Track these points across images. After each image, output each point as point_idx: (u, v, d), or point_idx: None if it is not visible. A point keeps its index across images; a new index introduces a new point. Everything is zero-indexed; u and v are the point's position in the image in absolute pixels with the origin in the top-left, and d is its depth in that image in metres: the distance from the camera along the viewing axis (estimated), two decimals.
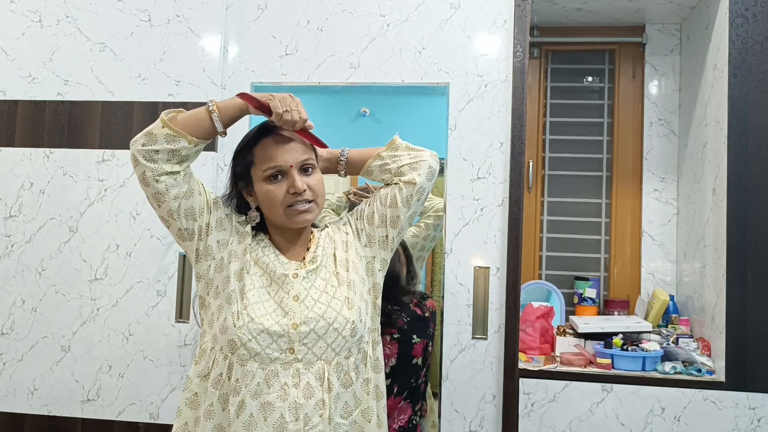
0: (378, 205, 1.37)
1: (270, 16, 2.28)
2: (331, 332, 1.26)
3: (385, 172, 1.39)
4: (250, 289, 1.27)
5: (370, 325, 1.34)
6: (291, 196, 1.28)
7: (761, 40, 2.10)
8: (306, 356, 1.25)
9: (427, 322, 1.88)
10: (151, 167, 1.23)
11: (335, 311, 1.27)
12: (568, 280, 2.73)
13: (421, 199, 1.37)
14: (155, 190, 1.24)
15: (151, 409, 2.19)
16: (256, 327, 1.23)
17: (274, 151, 1.30)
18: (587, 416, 2.06)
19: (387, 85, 2.22)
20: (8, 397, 2.25)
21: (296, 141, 1.32)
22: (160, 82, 2.26)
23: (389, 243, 1.37)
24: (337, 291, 1.30)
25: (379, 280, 1.39)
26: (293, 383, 1.23)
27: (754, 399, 2.01)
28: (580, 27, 2.74)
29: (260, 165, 1.30)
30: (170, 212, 1.27)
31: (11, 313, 2.27)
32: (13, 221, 2.28)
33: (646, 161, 2.68)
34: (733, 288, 2.06)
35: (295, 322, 1.25)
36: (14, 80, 2.32)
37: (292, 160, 1.29)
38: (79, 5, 2.31)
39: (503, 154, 2.15)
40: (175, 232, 1.30)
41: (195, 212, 1.28)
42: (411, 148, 1.41)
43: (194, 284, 2.18)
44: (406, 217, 1.37)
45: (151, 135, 1.23)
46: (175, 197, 1.26)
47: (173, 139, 1.23)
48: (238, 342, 1.23)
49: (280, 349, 1.24)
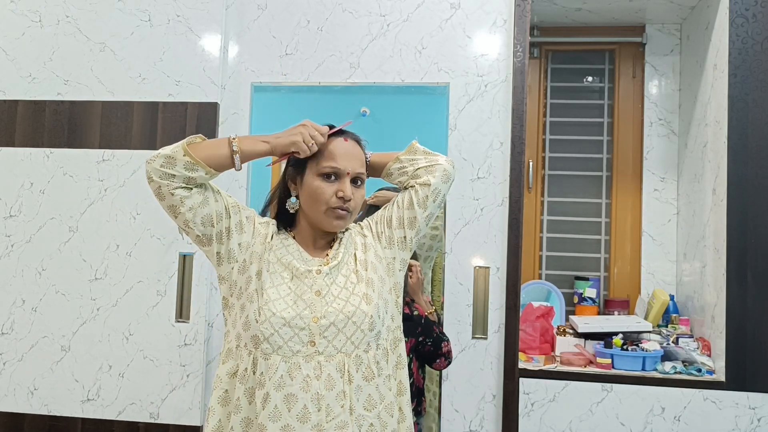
0: (395, 209, 1.44)
1: (270, 16, 2.28)
2: (350, 326, 1.31)
3: (403, 174, 1.45)
4: (270, 286, 1.32)
5: (389, 323, 1.39)
6: (337, 200, 1.34)
7: (761, 40, 2.10)
8: (326, 349, 1.30)
9: (416, 321, 1.89)
10: (166, 183, 1.27)
11: (354, 306, 1.32)
12: (568, 280, 2.73)
13: (437, 200, 1.43)
14: (171, 202, 1.29)
15: (151, 409, 2.19)
16: (278, 321, 1.28)
17: (340, 153, 1.35)
18: (587, 416, 2.06)
19: (387, 85, 2.22)
20: (8, 397, 2.25)
21: (359, 152, 1.39)
22: (160, 82, 2.26)
23: (408, 243, 1.44)
24: (356, 287, 1.35)
25: (400, 279, 1.45)
26: (315, 375, 1.28)
27: (754, 399, 2.01)
28: (580, 27, 2.74)
29: (321, 160, 1.35)
30: (186, 222, 1.31)
31: (11, 313, 2.27)
32: (13, 221, 2.28)
33: (646, 161, 2.68)
34: (733, 288, 2.06)
35: (315, 316, 1.30)
36: (14, 80, 2.32)
37: (351, 168, 1.35)
38: (79, 5, 2.31)
39: (503, 154, 2.15)
40: (194, 238, 1.34)
41: (212, 219, 1.32)
42: (428, 153, 1.48)
43: (194, 285, 2.19)
44: (423, 218, 1.43)
45: (171, 159, 1.27)
46: (190, 208, 1.30)
47: (192, 168, 1.27)
48: (261, 336, 1.28)
49: (302, 341, 1.29)
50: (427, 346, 1.92)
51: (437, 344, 1.92)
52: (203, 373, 2.19)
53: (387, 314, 1.37)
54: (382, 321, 1.36)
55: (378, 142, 1.50)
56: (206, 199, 1.31)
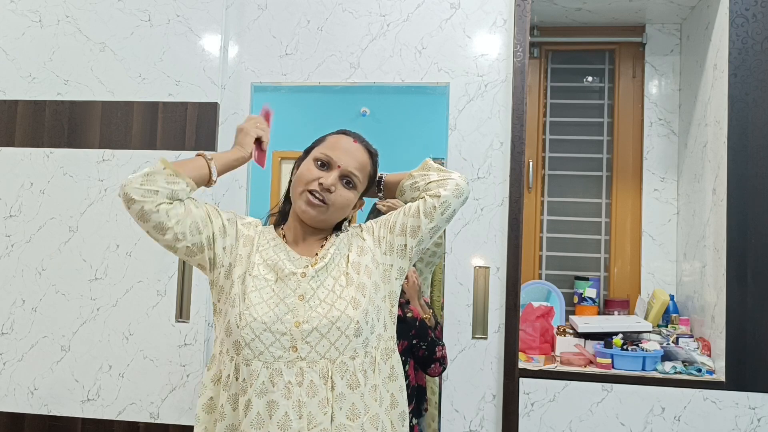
0: (401, 215, 1.40)
1: (270, 16, 2.28)
2: (334, 331, 1.27)
3: (415, 189, 1.43)
4: (253, 290, 1.29)
5: (381, 331, 1.34)
6: (316, 184, 1.32)
7: (761, 40, 2.10)
8: (309, 355, 1.26)
9: (409, 324, 1.88)
10: (150, 200, 1.25)
11: (339, 310, 1.28)
12: (568, 280, 2.73)
13: (445, 213, 1.38)
14: (157, 220, 1.26)
15: (151, 409, 2.19)
16: (259, 326, 1.25)
17: (339, 146, 1.36)
18: (587, 416, 2.06)
19: (387, 85, 2.22)
20: (8, 397, 2.25)
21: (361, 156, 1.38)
22: (160, 82, 2.26)
23: (407, 252, 1.39)
24: (344, 291, 1.31)
25: (396, 288, 1.40)
26: (297, 381, 1.24)
27: (754, 399, 2.01)
28: (580, 27, 2.74)
29: (321, 147, 1.37)
30: (175, 235, 1.28)
31: (11, 313, 2.27)
32: (13, 221, 2.28)
33: (646, 161, 2.68)
34: (733, 288, 2.06)
35: (297, 320, 1.26)
36: (14, 80, 2.32)
37: (344, 163, 1.34)
38: (79, 5, 2.31)
39: (503, 154, 2.15)
40: (184, 251, 1.31)
41: (198, 225, 1.31)
42: (441, 169, 1.45)
43: (194, 285, 2.19)
44: (428, 229, 1.37)
45: (151, 175, 1.26)
46: (177, 221, 1.28)
47: (173, 180, 1.27)
48: (242, 342, 1.25)
49: (283, 347, 1.25)
50: (421, 350, 1.90)
51: (431, 348, 1.91)
52: (203, 374, 2.19)
53: (378, 322, 1.33)
54: (371, 328, 1.31)
55: (378, 142, 1.49)
56: (188, 209, 1.30)
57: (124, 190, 1.25)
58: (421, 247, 1.40)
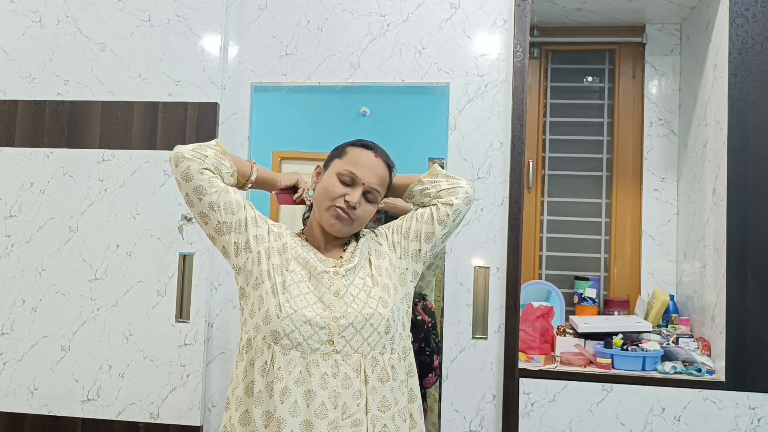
0: (414, 222, 1.49)
1: (270, 16, 2.28)
2: (367, 327, 1.34)
3: (425, 196, 1.52)
4: (291, 283, 1.36)
5: (401, 330, 1.42)
6: (342, 201, 1.39)
7: (761, 40, 2.10)
8: (344, 348, 1.33)
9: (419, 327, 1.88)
10: (198, 161, 1.35)
11: (371, 308, 1.36)
12: (568, 280, 2.73)
13: (456, 220, 1.49)
14: (199, 182, 1.35)
15: (151, 409, 2.19)
16: (299, 318, 1.32)
17: (362, 163, 1.43)
18: (587, 416, 2.06)
19: (387, 85, 2.22)
20: (8, 397, 2.25)
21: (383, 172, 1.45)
22: (160, 82, 2.26)
23: (421, 256, 1.48)
24: (372, 291, 1.39)
25: (411, 290, 1.49)
26: (332, 373, 1.31)
27: (754, 399, 2.01)
28: (580, 27, 2.74)
29: (345, 163, 1.43)
30: (211, 204, 1.36)
31: (11, 313, 2.27)
32: (13, 221, 2.28)
33: (646, 161, 2.68)
34: (733, 288, 2.06)
35: (335, 316, 1.34)
36: (14, 80, 2.32)
37: (368, 180, 1.41)
38: (79, 5, 2.31)
39: (503, 154, 2.15)
40: (214, 225, 1.38)
41: (233, 206, 1.39)
42: (449, 176, 1.54)
43: (194, 285, 2.19)
44: (441, 235, 1.48)
45: (203, 146, 1.39)
46: (217, 191, 1.36)
47: (220, 157, 1.40)
48: (281, 332, 1.31)
49: (321, 340, 1.32)
50: (424, 355, 1.91)
51: (432, 356, 1.92)
52: (203, 374, 2.19)
53: (399, 321, 1.41)
54: (396, 326, 1.39)
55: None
56: (227, 189, 1.39)
57: (175, 151, 1.36)
58: (434, 252, 1.49)
